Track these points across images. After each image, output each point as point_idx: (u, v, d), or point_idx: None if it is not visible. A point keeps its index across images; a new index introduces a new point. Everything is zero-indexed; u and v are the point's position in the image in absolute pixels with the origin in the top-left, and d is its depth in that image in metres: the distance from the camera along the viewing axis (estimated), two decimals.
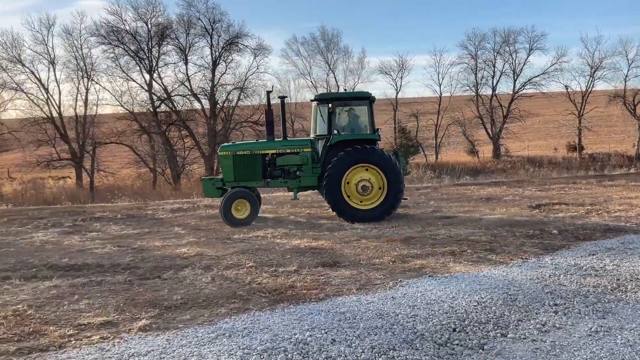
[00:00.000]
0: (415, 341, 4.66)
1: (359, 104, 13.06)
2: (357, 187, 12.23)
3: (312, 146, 12.84)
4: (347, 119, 13.11)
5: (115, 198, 21.15)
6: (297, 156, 12.76)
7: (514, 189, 17.77)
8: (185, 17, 37.94)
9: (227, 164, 12.59)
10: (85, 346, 4.71)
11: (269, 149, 12.83)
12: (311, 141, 12.96)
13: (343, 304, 5.75)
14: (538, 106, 54.28)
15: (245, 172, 12.59)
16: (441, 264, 7.66)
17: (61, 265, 8.13)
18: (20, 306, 5.95)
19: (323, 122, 12.73)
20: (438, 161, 43.77)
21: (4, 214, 15.23)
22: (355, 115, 13.17)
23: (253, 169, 12.66)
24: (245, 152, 12.69)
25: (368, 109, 12.90)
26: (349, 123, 13.08)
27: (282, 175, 12.86)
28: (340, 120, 12.99)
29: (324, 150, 12.66)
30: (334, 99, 12.89)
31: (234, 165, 12.51)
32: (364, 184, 12.24)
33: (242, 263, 7.93)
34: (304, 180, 12.72)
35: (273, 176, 12.83)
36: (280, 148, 12.84)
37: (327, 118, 12.49)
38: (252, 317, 5.43)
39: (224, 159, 12.70)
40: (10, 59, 35.05)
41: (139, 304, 5.96)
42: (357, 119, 13.17)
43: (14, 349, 4.66)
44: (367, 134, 12.79)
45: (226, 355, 4.41)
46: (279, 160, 12.80)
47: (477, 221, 11.37)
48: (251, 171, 12.64)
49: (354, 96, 13.70)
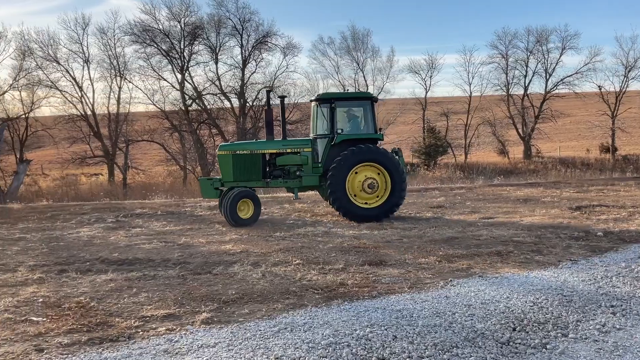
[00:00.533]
0: (477, 339, 4.70)
1: (361, 104, 13.03)
2: (364, 186, 12.15)
3: (312, 146, 12.75)
4: (350, 118, 13.07)
5: (150, 195, 21.52)
6: (297, 156, 12.64)
7: (551, 190, 17.59)
8: (215, 16, 38.41)
9: (226, 164, 12.39)
10: (154, 337, 4.86)
11: (269, 149, 12.71)
12: (311, 141, 12.86)
13: (397, 302, 5.81)
14: (570, 106, 53.44)
15: (244, 172, 12.42)
16: (488, 264, 7.66)
17: (113, 260, 8.35)
18: (83, 298, 6.15)
19: (324, 122, 12.68)
20: (467, 161, 43.47)
21: (46, 209, 15.66)
22: (358, 115, 13.12)
23: (253, 169, 12.51)
24: (245, 151, 12.52)
25: (370, 109, 12.87)
26: (352, 122, 13.05)
27: (282, 175, 12.75)
28: (342, 119, 12.93)
29: (326, 149, 12.58)
30: (337, 98, 12.75)
31: (233, 165, 12.32)
32: (370, 182, 12.16)
33: (288, 260, 8.04)
34: (306, 180, 12.58)
35: (273, 176, 12.72)
36: (281, 148, 12.71)
37: (330, 117, 12.43)
38: (309, 312, 5.52)
39: (223, 158, 12.50)
40: (46, 57, 35.91)
41: (197, 298, 6.10)
42: (359, 119, 13.12)
43: (86, 339, 4.83)
44: (371, 133, 12.74)
45: (292, 348, 4.51)
46: (279, 160, 12.68)
47: (518, 222, 11.31)
48: (251, 171, 12.49)
49: (356, 96, 13.66)
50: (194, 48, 38.77)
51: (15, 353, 4.53)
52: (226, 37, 39.15)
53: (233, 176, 12.32)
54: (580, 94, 48.02)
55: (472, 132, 46.18)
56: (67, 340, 4.81)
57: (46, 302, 6.03)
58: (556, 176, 27.61)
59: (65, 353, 4.52)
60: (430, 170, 38.54)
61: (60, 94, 36.41)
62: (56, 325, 5.20)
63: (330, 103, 12.50)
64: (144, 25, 37.00)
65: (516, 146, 47.09)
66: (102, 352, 4.54)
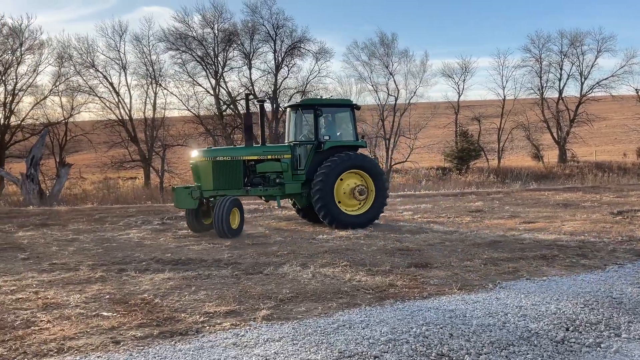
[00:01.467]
0: (532, 338, 4.84)
1: (342, 111, 12.91)
2: (354, 192, 11.99)
3: (291, 152, 12.40)
4: (330, 125, 12.85)
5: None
6: (278, 163, 12.21)
7: (590, 194, 17.45)
8: (250, 23, 39.02)
9: (205, 171, 11.59)
10: (220, 331, 5.14)
11: (250, 155, 12.13)
12: (290, 147, 12.48)
13: (449, 303, 5.98)
14: (605, 110, 52.47)
15: (225, 180, 11.68)
16: (534, 267, 7.76)
17: (167, 260, 8.71)
18: (146, 295, 6.49)
19: (304, 128, 12.51)
20: (500, 165, 43.09)
21: (93, 212, 16.25)
22: (339, 122, 12.99)
23: (234, 177, 11.82)
24: (225, 157, 11.78)
25: (351, 116, 12.75)
26: (331, 129, 12.79)
27: (262, 183, 12.20)
28: (322, 126, 12.65)
29: (310, 156, 12.24)
30: (320, 104, 12.48)
31: (213, 172, 11.55)
32: (361, 189, 12.02)
33: (335, 262, 8.27)
34: (288, 188, 12.16)
35: (252, 184, 12.16)
36: (261, 154, 12.19)
37: (314, 124, 12.22)
38: (364, 311, 5.74)
39: (202, 165, 11.67)
40: (84, 64, 37.00)
41: (254, 296, 6.38)
42: (341, 126, 12.98)
43: (157, 332, 5.14)
44: (354, 140, 12.61)
45: (354, 344, 4.73)
46: (259, 167, 12.13)
47: (560, 227, 11.32)
48: (232, 178, 11.78)
49: (337, 103, 13.34)
50: (228, 54, 39.48)
51: (94, 344, 4.85)
52: (260, 43, 39.77)
53: (213, 184, 11.56)
54: (617, 97, 47.16)
55: (505, 136, 45.74)
56: (140, 333, 5.12)
57: (112, 299, 6.39)
58: (593, 181, 27.27)
59: (141, 345, 4.83)
60: (462, 175, 38.40)
61: (98, 100, 37.50)
62: (127, 319, 5.54)
63: (313, 109, 12.26)
64: (178, 32, 37.84)
65: (550, 150, 46.47)
66: (175, 344, 4.84)
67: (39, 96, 36.16)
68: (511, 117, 45.91)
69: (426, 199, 18.08)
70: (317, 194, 11.74)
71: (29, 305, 6.18)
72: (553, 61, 46.24)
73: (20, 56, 35.15)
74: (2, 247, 10.53)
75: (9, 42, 34.69)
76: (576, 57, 45.80)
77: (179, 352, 4.65)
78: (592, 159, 44.66)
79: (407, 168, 41.65)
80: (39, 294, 6.63)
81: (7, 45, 34.58)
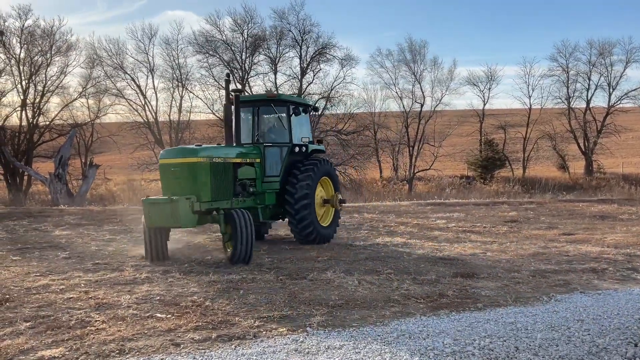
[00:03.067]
0: (602, 354, 4.70)
1: (305, 112, 11.30)
2: (333, 200, 11.13)
3: (261, 155, 10.38)
4: (296, 126, 11.00)
5: None
6: (253, 168, 10.11)
7: (626, 207, 17.12)
8: (278, 28, 39.14)
9: (203, 176, 8.77)
10: (278, 337, 5.07)
11: (238, 158, 9.80)
12: (260, 149, 10.41)
13: (507, 315, 5.85)
14: (632, 121, 51.60)
15: (221, 188, 9.16)
16: (584, 280, 7.58)
17: (209, 263, 8.70)
18: (196, 297, 6.46)
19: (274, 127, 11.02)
20: (525, 175, 42.61)
21: (127, 213, 16.33)
22: (301, 123, 11.28)
23: (228, 184, 9.41)
24: (219, 159, 9.19)
25: (309, 118, 11.72)
26: (298, 131, 11.06)
27: (240, 192, 9.78)
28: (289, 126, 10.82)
29: (284, 160, 10.59)
30: (291, 102, 10.81)
31: (212, 177, 8.91)
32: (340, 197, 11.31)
33: (379, 269, 8.17)
34: (268, 198, 10.35)
35: (235, 193, 9.67)
36: (243, 157, 9.94)
37: (288, 122, 10.63)
38: (420, 321, 5.63)
39: (199, 168, 8.73)
40: (113, 66, 37.41)
41: (304, 302, 6.31)
42: (302, 127, 11.31)
43: (215, 336, 5.09)
44: (316, 144, 11.44)
45: (418, 355, 4.63)
46: (240, 172, 9.78)
47: (602, 239, 11.08)
48: (226, 186, 9.35)
49: (304, 102, 11.51)
50: (255, 59, 39.61)
51: (154, 346, 4.82)
52: (286, 48, 39.82)
53: (211, 194, 8.92)
54: None
55: (530, 145, 45.22)
56: (198, 336, 5.08)
57: (163, 300, 6.37)
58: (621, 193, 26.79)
59: (201, 348, 4.79)
60: (486, 184, 38.00)
61: (125, 102, 37.86)
62: (183, 322, 5.50)
63: (286, 106, 10.64)
64: (207, 35, 38.07)
65: (576, 161, 45.83)
66: (236, 348, 4.78)
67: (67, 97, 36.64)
68: (537, 127, 45.41)
69: (457, 207, 17.88)
70: (306, 210, 10.19)
71: (81, 305, 6.19)
72: (580, 71, 45.67)
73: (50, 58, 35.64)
74: (42, 245, 10.63)
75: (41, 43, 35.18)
76: (604, 67, 45.21)
77: (242, 356, 4.59)
78: (618, 171, 43.89)
79: (430, 176, 41.38)
80: (89, 294, 6.64)
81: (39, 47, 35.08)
